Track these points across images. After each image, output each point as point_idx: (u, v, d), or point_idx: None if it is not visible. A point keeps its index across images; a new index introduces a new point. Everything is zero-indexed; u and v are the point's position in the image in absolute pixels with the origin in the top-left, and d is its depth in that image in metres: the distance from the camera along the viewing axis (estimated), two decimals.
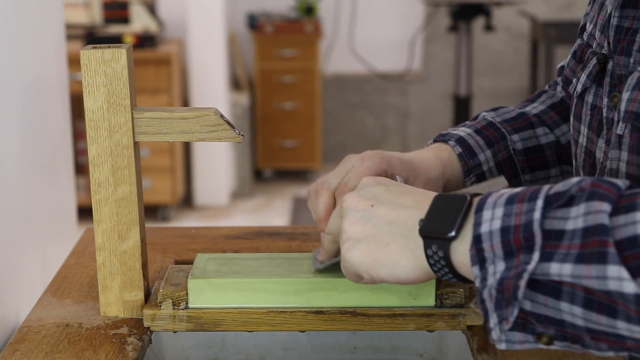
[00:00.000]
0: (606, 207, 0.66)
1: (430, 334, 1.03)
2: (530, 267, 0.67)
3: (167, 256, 1.11)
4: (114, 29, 4.26)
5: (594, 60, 0.92)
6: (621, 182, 0.68)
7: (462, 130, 1.07)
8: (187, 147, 4.47)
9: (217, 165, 4.47)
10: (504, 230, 0.69)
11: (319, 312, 0.92)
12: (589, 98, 0.92)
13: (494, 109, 1.12)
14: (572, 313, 0.67)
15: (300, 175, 4.99)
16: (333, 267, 0.92)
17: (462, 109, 4.61)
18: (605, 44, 0.90)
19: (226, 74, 4.46)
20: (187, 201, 4.56)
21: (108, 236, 0.93)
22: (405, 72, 5.15)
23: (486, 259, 0.70)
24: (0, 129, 1.07)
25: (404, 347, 1.04)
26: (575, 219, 0.67)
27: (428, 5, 4.77)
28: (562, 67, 1.13)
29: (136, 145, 0.91)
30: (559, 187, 0.69)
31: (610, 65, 0.89)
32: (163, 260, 1.10)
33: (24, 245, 1.15)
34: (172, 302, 0.92)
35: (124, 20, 4.29)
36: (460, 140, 1.05)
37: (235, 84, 4.94)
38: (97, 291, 0.98)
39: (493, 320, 0.70)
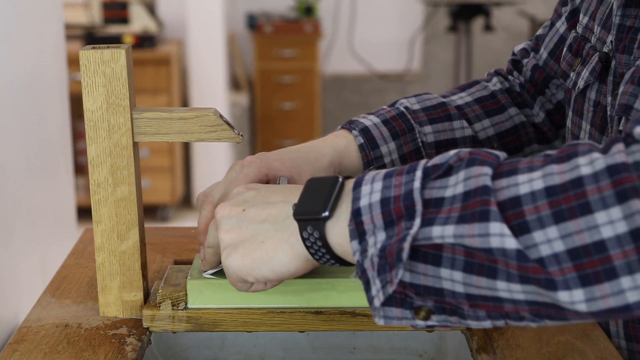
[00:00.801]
0: (487, 170, 0.66)
1: (429, 334, 1.03)
2: (412, 231, 0.67)
3: (166, 256, 1.11)
4: (114, 29, 4.26)
5: (595, 57, 0.92)
6: (499, 153, 0.68)
7: (369, 120, 1.06)
8: (186, 147, 4.48)
9: (216, 166, 4.47)
10: (384, 202, 0.69)
11: (318, 312, 0.92)
12: (592, 95, 0.92)
13: (416, 95, 1.11)
14: (452, 279, 0.66)
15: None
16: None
17: None
18: (608, 41, 0.90)
19: (225, 74, 4.46)
20: (186, 201, 4.56)
21: (107, 236, 0.93)
22: (404, 72, 5.15)
23: (366, 231, 0.70)
24: (0, 130, 1.07)
25: (404, 347, 1.04)
26: (455, 185, 0.67)
27: (427, 6, 4.78)
28: (524, 51, 1.14)
29: (135, 145, 0.91)
30: (437, 159, 0.70)
31: (613, 63, 0.89)
32: (162, 260, 1.10)
33: (23, 245, 1.15)
34: (172, 302, 0.92)
35: (124, 20, 4.29)
36: (364, 130, 1.04)
37: (235, 84, 4.95)
38: (96, 291, 0.98)
39: (375, 287, 0.69)
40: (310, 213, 0.73)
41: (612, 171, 0.61)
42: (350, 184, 0.73)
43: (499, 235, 0.63)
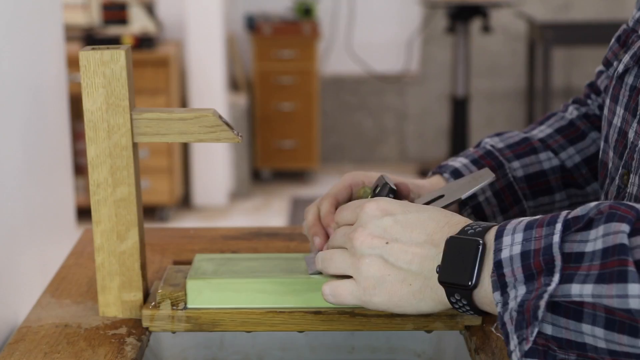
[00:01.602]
0: (625, 227, 0.67)
1: (428, 335, 1.03)
2: (551, 288, 0.67)
3: (165, 257, 1.11)
4: (113, 30, 4.26)
5: (639, 43, 0.92)
6: (639, 205, 0.69)
7: (458, 161, 1.07)
8: (185, 147, 4.47)
9: (215, 166, 4.47)
10: (524, 255, 0.70)
11: (317, 312, 0.92)
12: (629, 79, 0.92)
13: (498, 134, 1.12)
14: (594, 335, 0.67)
15: (298, 176, 4.99)
16: None
17: (459, 109, 4.62)
18: None
19: (224, 75, 4.46)
20: (185, 202, 4.56)
21: (107, 237, 0.93)
22: (403, 73, 5.16)
23: (507, 284, 0.71)
24: (0, 130, 1.07)
25: (402, 347, 1.04)
26: (595, 240, 0.68)
27: (426, 7, 4.78)
28: (600, 73, 1.12)
29: (135, 146, 0.92)
30: (577, 211, 0.70)
31: None
32: (162, 260, 1.10)
33: (23, 245, 1.15)
34: (171, 302, 0.92)
35: (123, 21, 4.29)
36: (455, 172, 1.05)
37: (234, 85, 4.95)
38: (95, 291, 0.98)
39: (513, 342, 0.70)
40: (457, 282, 0.74)
41: None
42: (489, 241, 0.74)
43: (637, 297, 0.64)
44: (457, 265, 0.74)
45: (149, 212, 4.27)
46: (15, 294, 1.09)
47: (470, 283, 0.73)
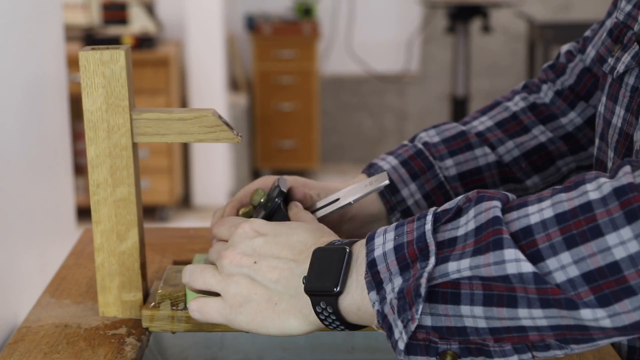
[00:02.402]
0: (496, 203, 0.68)
1: None
2: (428, 268, 0.67)
3: (165, 257, 1.12)
4: (113, 30, 4.26)
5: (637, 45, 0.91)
6: (508, 194, 0.70)
7: (388, 162, 1.06)
8: (185, 147, 4.48)
9: (215, 166, 4.47)
10: (398, 248, 0.71)
11: None
12: (630, 80, 0.91)
13: (435, 126, 1.10)
14: (474, 315, 0.67)
15: (297, 176, 4.98)
16: None
17: (459, 109, 4.62)
18: None
19: (224, 75, 4.46)
20: (185, 202, 4.56)
21: (107, 237, 0.93)
22: (403, 73, 5.16)
23: (382, 280, 0.71)
24: (0, 130, 1.08)
25: None
26: (466, 224, 0.68)
27: (426, 7, 4.78)
28: (570, 54, 1.10)
29: (135, 146, 0.92)
30: (446, 205, 0.72)
31: None
32: (161, 260, 1.10)
33: (23, 245, 1.15)
34: (171, 302, 0.92)
35: (123, 21, 4.29)
36: None
37: (234, 85, 4.95)
38: (95, 292, 0.98)
39: (398, 329, 0.70)
40: (322, 289, 0.74)
41: (620, 193, 0.62)
42: (357, 249, 0.75)
43: (514, 261, 0.64)
44: (323, 272, 0.74)
45: (149, 212, 4.27)
46: (15, 294, 1.09)
47: (335, 289, 0.73)
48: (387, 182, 0.95)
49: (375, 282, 0.71)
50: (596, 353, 0.88)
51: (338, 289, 0.73)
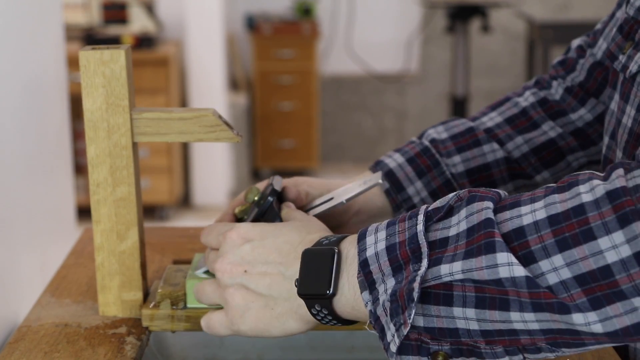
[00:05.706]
0: (488, 204, 0.67)
1: None
2: (421, 271, 0.67)
3: (165, 256, 1.12)
4: (113, 30, 4.26)
5: None
6: (500, 191, 0.70)
7: (394, 160, 1.06)
8: (185, 147, 4.48)
9: (215, 165, 4.47)
10: (390, 248, 0.71)
11: None
12: None
13: (443, 123, 1.09)
14: (466, 317, 0.67)
15: (298, 176, 4.98)
16: None
17: (459, 109, 4.62)
18: None
19: (224, 74, 4.46)
20: (185, 201, 4.56)
21: (107, 236, 0.93)
22: (402, 72, 5.16)
23: (375, 280, 0.71)
24: (0, 130, 1.08)
25: None
26: (458, 224, 0.68)
27: (425, 7, 4.78)
28: (580, 49, 1.09)
29: (135, 145, 0.92)
30: (437, 202, 0.71)
31: None
32: (161, 260, 1.10)
33: (23, 245, 1.16)
34: (171, 301, 0.93)
35: (123, 21, 4.29)
36: (389, 174, 1.04)
37: (234, 84, 4.95)
38: (95, 291, 0.98)
39: (390, 332, 0.70)
40: (315, 293, 0.75)
41: (612, 196, 0.62)
42: (346, 247, 0.75)
43: (506, 265, 0.64)
44: (314, 275, 0.75)
45: (149, 211, 4.27)
46: (15, 294, 1.10)
47: (328, 292, 0.73)
48: (380, 181, 0.96)
49: (367, 282, 0.71)
50: (596, 353, 0.88)
51: (330, 291, 0.74)
